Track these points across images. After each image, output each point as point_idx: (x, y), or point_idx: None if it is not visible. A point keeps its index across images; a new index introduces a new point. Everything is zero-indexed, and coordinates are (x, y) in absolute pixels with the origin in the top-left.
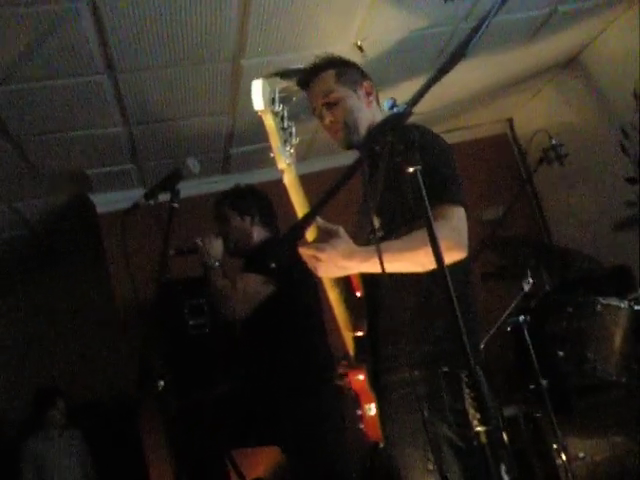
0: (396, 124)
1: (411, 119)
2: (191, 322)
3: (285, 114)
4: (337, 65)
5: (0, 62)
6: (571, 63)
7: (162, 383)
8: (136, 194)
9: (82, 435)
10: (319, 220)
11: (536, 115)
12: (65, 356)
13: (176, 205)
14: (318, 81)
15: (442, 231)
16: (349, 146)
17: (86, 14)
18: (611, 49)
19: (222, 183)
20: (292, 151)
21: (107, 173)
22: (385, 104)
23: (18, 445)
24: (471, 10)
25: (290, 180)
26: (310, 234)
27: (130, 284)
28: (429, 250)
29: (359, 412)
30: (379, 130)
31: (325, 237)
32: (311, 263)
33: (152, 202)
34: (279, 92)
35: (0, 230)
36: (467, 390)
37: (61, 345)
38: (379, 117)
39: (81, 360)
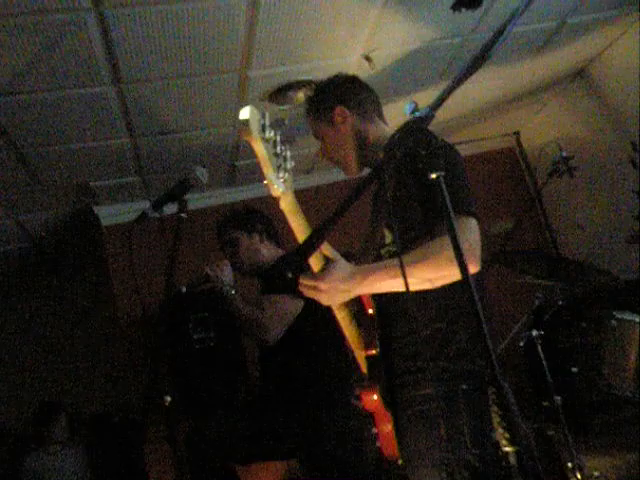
0: (417, 128)
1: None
2: (195, 336)
3: (278, 139)
4: (312, 102)
5: (6, 73)
6: (578, 76)
7: (169, 399)
8: (141, 206)
9: (84, 451)
10: (328, 247)
11: (543, 128)
12: (68, 368)
13: (184, 215)
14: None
15: (448, 245)
16: (351, 175)
17: (93, 25)
18: (619, 62)
19: (227, 195)
20: (287, 176)
21: (112, 185)
22: (406, 108)
23: (18, 460)
24: (479, 21)
25: (287, 206)
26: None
27: (134, 296)
28: (437, 265)
29: (375, 430)
30: (400, 135)
31: (323, 267)
32: (313, 295)
33: (159, 213)
34: (269, 117)
35: (5, 242)
36: (495, 408)
37: (65, 357)
38: (380, 129)
39: (84, 372)
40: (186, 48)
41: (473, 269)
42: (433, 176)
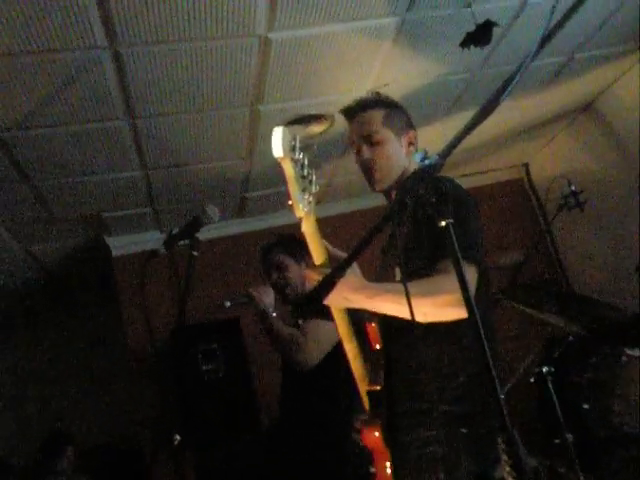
0: (427, 176)
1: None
2: (204, 367)
3: (305, 162)
4: (388, 106)
5: (21, 108)
6: (587, 109)
7: (178, 437)
8: (151, 237)
9: None
10: (329, 246)
11: (552, 160)
12: (76, 398)
13: (196, 254)
14: (365, 117)
15: (447, 285)
16: (377, 189)
17: (108, 63)
18: (626, 96)
19: (237, 226)
20: (311, 199)
21: (123, 216)
22: (416, 156)
23: None
24: (488, 57)
25: (308, 228)
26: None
27: (143, 327)
28: (434, 301)
29: (372, 469)
30: (412, 182)
31: (334, 264)
32: None
33: (170, 251)
34: (299, 140)
35: (16, 272)
36: (505, 457)
37: (72, 387)
38: (413, 168)
39: (91, 404)
40: (199, 84)
41: (460, 315)
42: (442, 224)
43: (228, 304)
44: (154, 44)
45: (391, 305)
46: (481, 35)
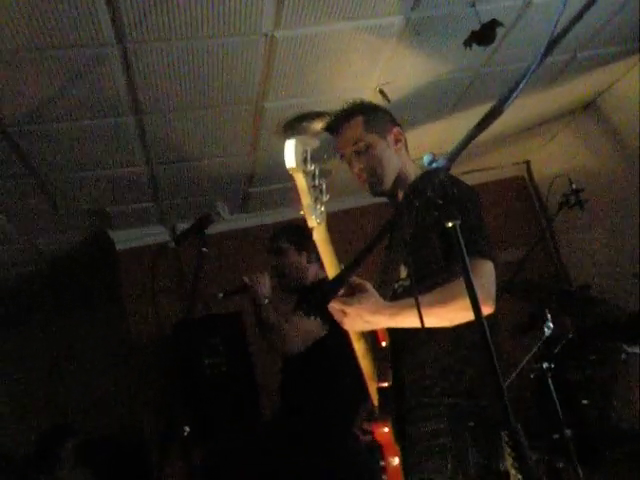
0: (434, 178)
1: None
2: (207, 361)
3: (317, 172)
4: (365, 111)
5: (28, 102)
6: (589, 108)
7: (187, 429)
8: (155, 231)
9: (92, 473)
10: (350, 275)
11: (553, 158)
12: (79, 391)
13: (206, 250)
14: (347, 128)
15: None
16: (376, 194)
17: (115, 59)
18: (628, 94)
19: (241, 222)
20: (323, 209)
21: (127, 210)
22: (425, 159)
23: None
24: (491, 55)
25: (320, 238)
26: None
27: (146, 321)
28: (458, 305)
29: (382, 464)
30: (421, 185)
31: (352, 291)
32: (338, 317)
33: (181, 247)
34: (311, 151)
35: (19, 265)
36: (508, 450)
37: (76, 379)
38: (409, 164)
39: (95, 395)
40: (204, 81)
41: (488, 310)
42: (449, 225)
43: (220, 295)
44: (161, 41)
45: (415, 319)
46: (485, 34)
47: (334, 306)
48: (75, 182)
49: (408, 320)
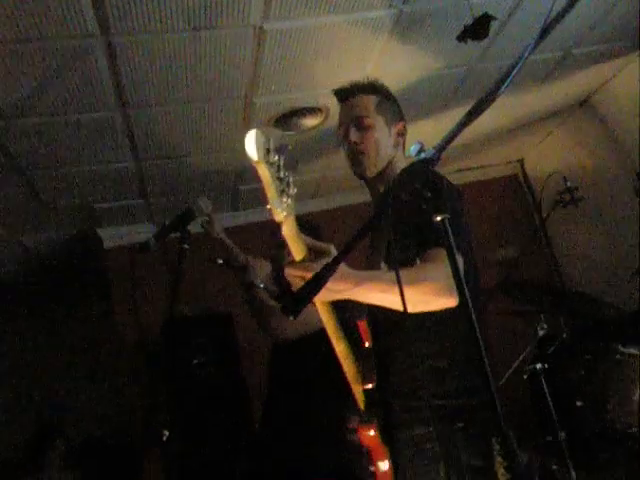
0: (423, 170)
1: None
2: (195, 361)
3: (281, 164)
4: (382, 94)
5: (14, 97)
6: (583, 105)
7: (167, 433)
8: (143, 229)
9: (81, 476)
10: (307, 238)
11: (547, 156)
12: (67, 392)
13: (187, 246)
14: (359, 99)
15: (432, 273)
16: (356, 173)
17: (100, 51)
18: (622, 93)
19: (230, 219)
20: (290, 202)
21: (115, 208)
22: (412, 149)
23: None
24: (485, 50)
25: (288, 232)
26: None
27: (135, 320)
28: (427, 288)
29: (372, 468)
30: (408, 177)
31: (314, 257)
32: (297, 284)
33: (161, 244)
34: (273, 141)
35: (7, 263)
36: (499, 459)
37: (64, 380)
38: (400, 161)
39: (82, 395)
40: (192, 74)
41: (450, 303)
42: (438, 218)
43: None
44: (147, 33)
45: (379, 294)
46: (478, 29)
47: (293, 272)
48: (61, 178)
49: (372, 294)
